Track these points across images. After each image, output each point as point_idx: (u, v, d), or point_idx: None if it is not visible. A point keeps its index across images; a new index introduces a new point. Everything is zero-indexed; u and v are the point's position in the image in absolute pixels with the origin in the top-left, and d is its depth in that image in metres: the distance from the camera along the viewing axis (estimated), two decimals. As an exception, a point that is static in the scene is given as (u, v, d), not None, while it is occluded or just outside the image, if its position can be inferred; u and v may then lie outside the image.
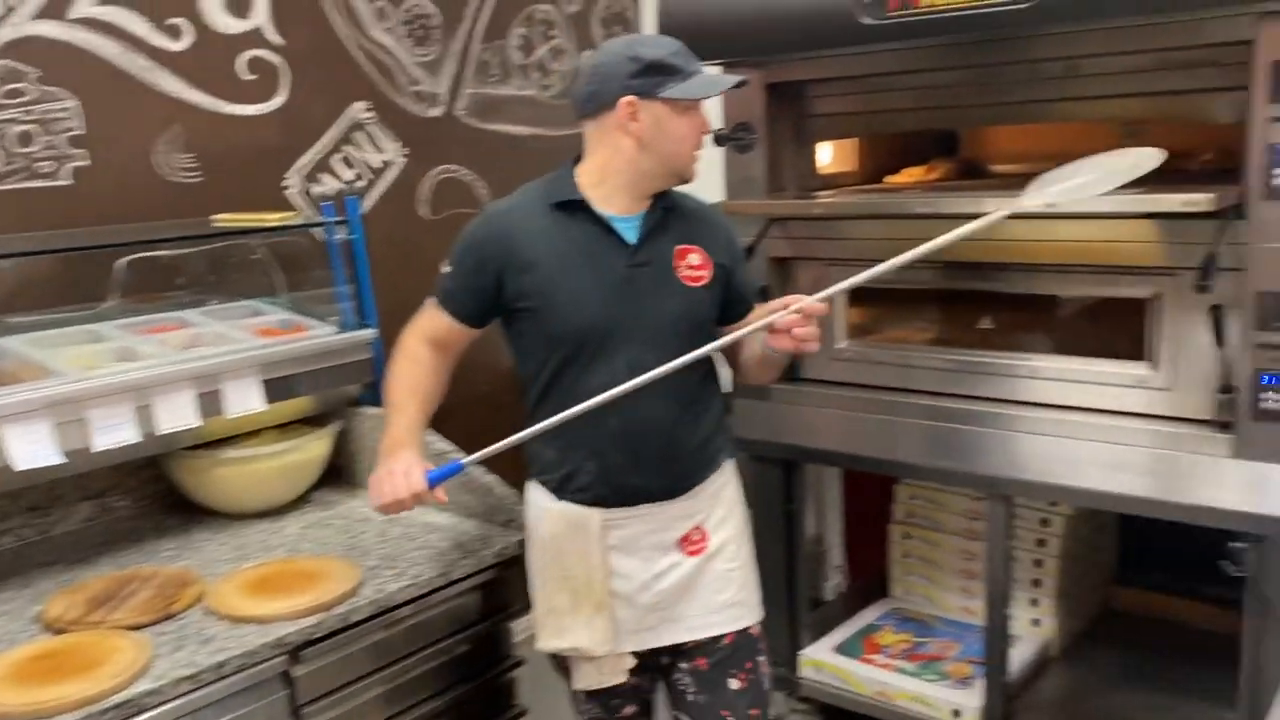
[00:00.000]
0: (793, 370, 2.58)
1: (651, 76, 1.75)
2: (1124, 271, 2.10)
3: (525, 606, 2.01)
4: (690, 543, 1.91)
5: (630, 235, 1.84)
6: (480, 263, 1.84)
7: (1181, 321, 2.05)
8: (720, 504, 1.96)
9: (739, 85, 1.88)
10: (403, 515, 1.99)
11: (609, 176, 1.83)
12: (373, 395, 2.46)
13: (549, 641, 1.89)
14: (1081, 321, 2.32)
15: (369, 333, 2.44)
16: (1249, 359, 1.93)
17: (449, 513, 2.28)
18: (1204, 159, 2.43)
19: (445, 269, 1.90)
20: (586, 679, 1.92)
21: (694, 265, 1.88)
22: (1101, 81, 2.15)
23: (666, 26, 2.31)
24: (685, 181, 1.88)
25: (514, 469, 2.04)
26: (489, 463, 1.90)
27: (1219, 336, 1.94)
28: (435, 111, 3.09)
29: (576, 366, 1.82)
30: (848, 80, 2.44)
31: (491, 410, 3.30)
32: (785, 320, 1.79)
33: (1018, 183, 2.56)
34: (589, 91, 1.79)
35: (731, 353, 2.01)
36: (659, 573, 1.89)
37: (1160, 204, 1.87)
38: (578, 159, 1.89)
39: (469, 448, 2.78)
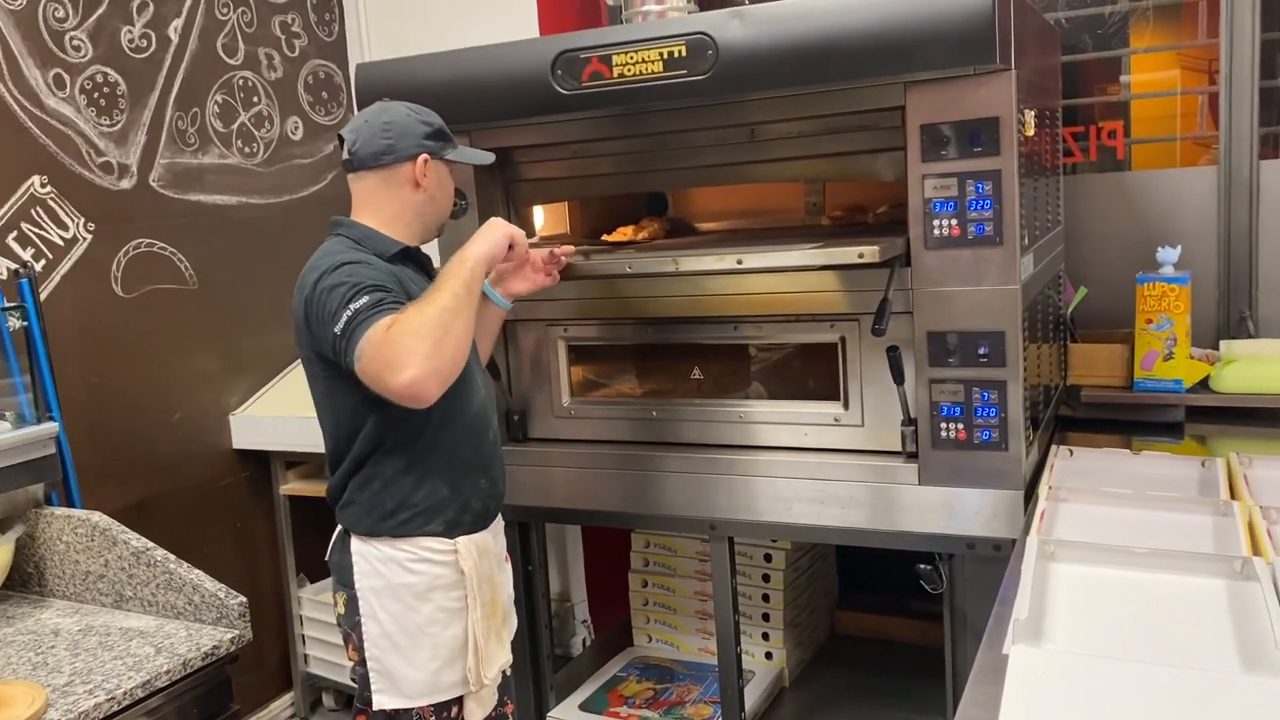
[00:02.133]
0: (520, 430, 2.59)
1: (439, 140, 1.97)
2: (812, 319, 2.25)
3: (253, 707, 1.90)
4: (507, 555, 2.14)
5: (431, 273, 2.02)
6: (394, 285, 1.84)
7: (867, 362, 2.22)
8: None
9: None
10: (99, 622, 2.09)
11: (400, 228, 1.97)
12: (61, 494, 2.26)
13: (486, 674, 1.96)
14: (783, 367, 2.47)
15: (50, 426, 2.24)
16: (925, 393, 2.12)
17: (152, 615, 2.11)
18: (879, 212, 2.66)
19: (365, 298, 1.74)
20: (474, 717, 1.99)
21: None
22: (781, 145, 2.32)
23: (364, 97, 2.29)
24: (439, 235, 2.10)
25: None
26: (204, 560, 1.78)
27: (897, 374, 2.11)
28: (126, 183, 2.90)
29: (461, 391, 1.92)
30: (552, 146, 2.50)
31: (208, 498, 3.13)
32: (561, 250, 2.17)
33: (719, 239, 2.72)
34: (385, 145, 1.91)
35: None
36: (509, 581, 2.12)
37: (835, 257, 2.02)
38: (343, 216, 1.99)
39: (184, 543, 2.63)
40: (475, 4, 3.37)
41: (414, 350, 1.67)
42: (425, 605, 1.93)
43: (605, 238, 2.95)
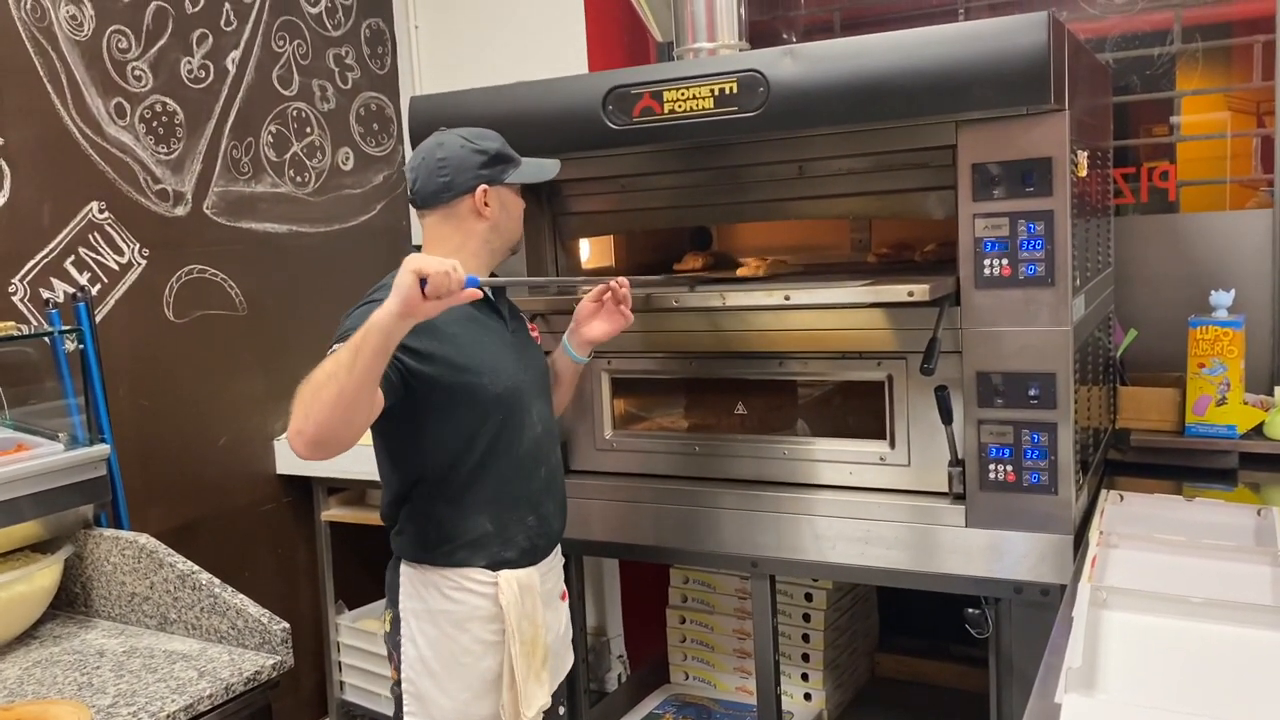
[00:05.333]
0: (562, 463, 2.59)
1: (496, 165, 1.97)
2: (859, 356, 2.24)
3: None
4: (564, 591, 2.15)
5: (500, 307, 2.03)
6: (408, 335, 1.72)
7: (914, 401, 2.20)
8: None
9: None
10: (143, 644, 2.12)
11: (467, 258, 1.94)
12: (110, 515, 2.28)
13: (525, 712, 1.94)
14: (828, 404, 2.45)
15: (102, 448, 2.27)
16: (973, 434, 2.10)
17: (195, 638, 2.12)
18: (927, 250, 2.65)
19: (341, 343, 1.74)
20: None
21: (532, 326, 2.18)
22: (829, 182, 2.32)
23: (416, 129, 2.32)
24: (514, 254, 2.09)
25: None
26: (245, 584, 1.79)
27: (945, 414, 2.09)
28: (180, 210, 2.96)
29: (509, 426, 1.95)
30: (600, 180, 2.52)
31: (250, 522, 3.16)
32: (619, 281, 2.11)
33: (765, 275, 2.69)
34: (442, 183, 1.93)
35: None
36: (560, 620, 2.11)
37: (884, 294, 2.02)
38: (417, 249, 2.00)
39: (226, 566, 2.64)
40: (525, 39, 3.41)
41: (293, 411, 1.66)
42: (462, 635, 1.94)
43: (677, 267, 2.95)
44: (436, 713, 1.94)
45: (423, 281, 1.58)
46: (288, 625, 2.05)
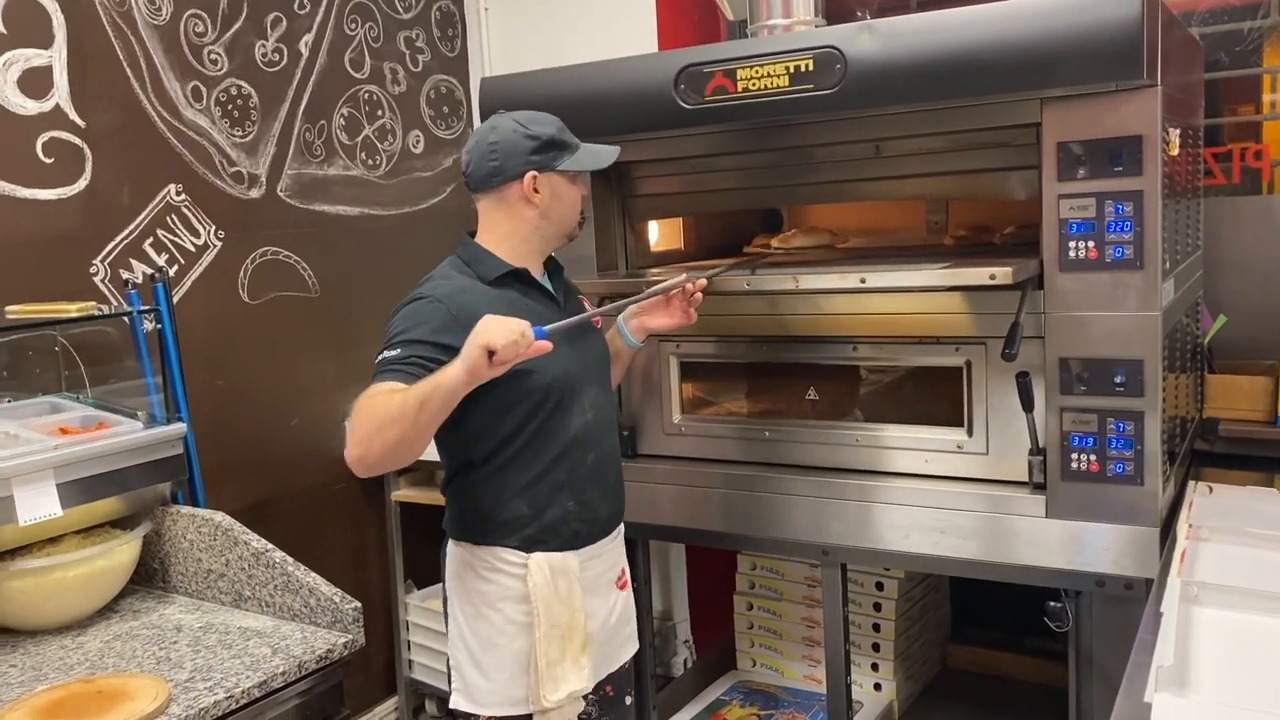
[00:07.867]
0: (629, 447, 2.58)
1: (548, 152, 1.92)
2: (936, 341, 2.18)
3: (358, 710, 1.92)
4: (621, 578, 2.11)
5: (555, 292, 2.02)
6: (455, 335, 1.74)
7: (993, 388, 2.13)
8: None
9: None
10: (219, 620, 2.16)
11: (517, 244, 1.95)
12: (186, 493, 2.32)
13: (550, 696, 1.91)
14: (903, 390, 2.40)
15: (179, 427, 2.31)
16: (1055, 422, 2.03)
17: (269, 615, 2.15)
18: (1006, 232, 2.57)
19: (394, 351, 1.79)
20: None
21: (590, 310, 2.10)
22: (906, 161, 2.26)
23: (487, 111, 2.31)
24: (571, 240, 2.05)
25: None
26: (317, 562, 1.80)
27: (1027, 401, 2.03)
28: (255, 193, 2.99)
29: (556, 414, 1.94)
30: (670, 161, 2.49)
31: (321, 502, 3.20)
32: (696, 284, 2.10)
33: (838, 258, 2.65)
34: (492, 168, 1.91)
35: None
36: (610, 608, 2.06)
37: (965, 277, 1.95)
38: (472, 234, 1.99)
39: (298, 545, 2.68)
40: (594, 19, 3.39)
41: (354, 431, 1.76)
42: (495, 615, 1.95)
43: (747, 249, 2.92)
44: (475, 693, 1.97)
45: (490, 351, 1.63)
46: (359, 604, 2.07)
